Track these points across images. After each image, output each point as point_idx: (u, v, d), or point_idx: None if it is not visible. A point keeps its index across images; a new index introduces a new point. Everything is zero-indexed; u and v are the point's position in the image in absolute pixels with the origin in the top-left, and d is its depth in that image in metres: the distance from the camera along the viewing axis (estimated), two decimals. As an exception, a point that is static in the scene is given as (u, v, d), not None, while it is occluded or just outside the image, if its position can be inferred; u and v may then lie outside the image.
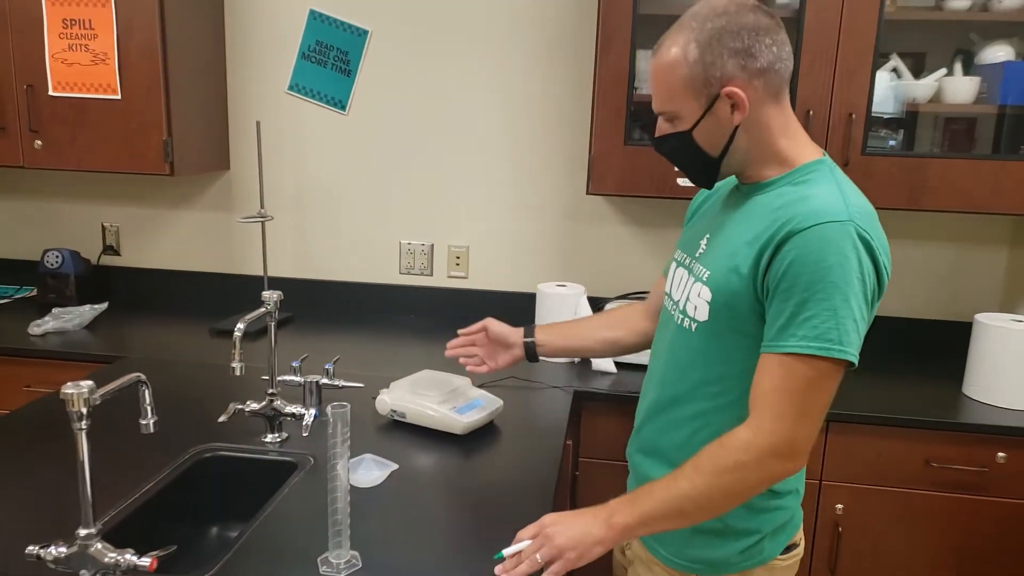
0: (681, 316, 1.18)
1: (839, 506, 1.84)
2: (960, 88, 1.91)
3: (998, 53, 1.90)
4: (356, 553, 1.11)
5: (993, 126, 2.03)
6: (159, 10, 2.06)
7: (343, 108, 2.41)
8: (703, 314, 1.12)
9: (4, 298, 2.46)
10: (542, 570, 1.06)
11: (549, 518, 1.10)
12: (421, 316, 2.47)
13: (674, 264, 1.26)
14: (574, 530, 1.07)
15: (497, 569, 1.07)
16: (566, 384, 1.91)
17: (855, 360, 1.01)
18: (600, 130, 1.98)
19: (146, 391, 1.08)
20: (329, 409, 1.05)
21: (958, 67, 1.93)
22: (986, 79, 1.91)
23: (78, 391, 0.93)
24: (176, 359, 1.96)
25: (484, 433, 1.59)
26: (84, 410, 0.94)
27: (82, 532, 0.96)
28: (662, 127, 1.14)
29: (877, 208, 1.08)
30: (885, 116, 1.97)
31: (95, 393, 0.95)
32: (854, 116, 1.87)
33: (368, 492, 1.31)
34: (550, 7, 2.23)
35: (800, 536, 1.24)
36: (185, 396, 1.72)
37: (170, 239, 2.57)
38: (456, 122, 2.35)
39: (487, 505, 1.30)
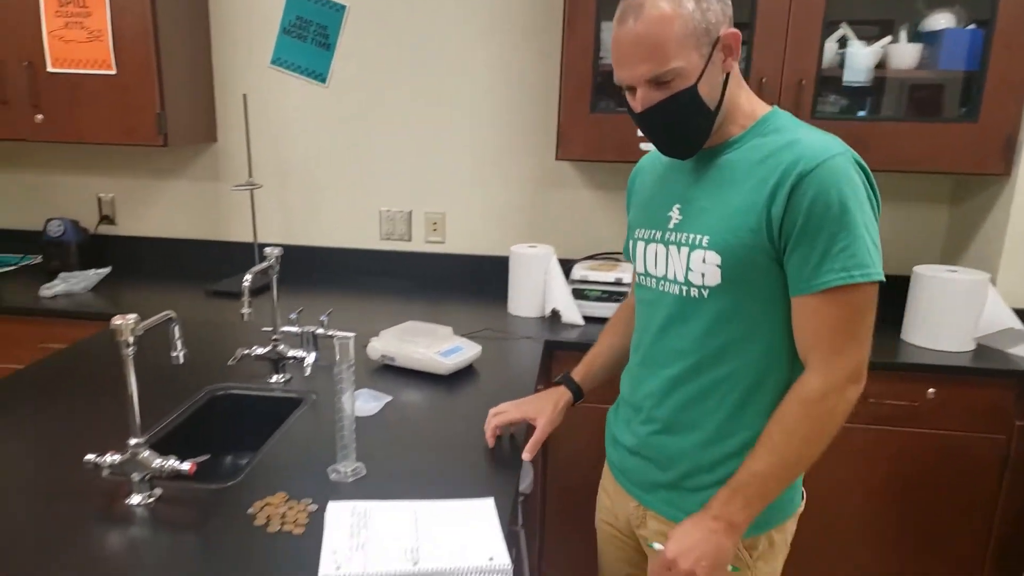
0: (681, 287, 1.17)
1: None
2: (905, 54, 2.07)
3: (940, 21, 2.06)
4: (361, 464, 1.30)
5: (934, 91, 2.22)
6: (150, -11, 2.20)
7: (323, 80, 2.55)
8: (713, 279, 1.12)
9: (9, 266, 2.59)
10: None
11: (672, 548, 1.11)
12: (400, 279, 2.64)
13: (640, 243, 1.24)
14: (707, 553, 1.09)
15: None
16: (537, 335, 2.11)
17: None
18: (567, 100, 2.17)
19: (176, 326, 1.25)
20: (335, 337, 1.23)
21: (903, 34, 2.09)
22: (928, 46, 2.07)
23: (125, 322, 1.10)
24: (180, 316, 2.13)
25: (465, 374, 1.79)
26: (130, 339, 1.11)
27: (132, 441, 1.14)
28: (650, 96, 1.09)
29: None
30: (834, 81, 2.14)
31: (139, 325, 1.12)
32: (803, 82, 2.06)
33: (367, 420, 1.50)
34: (520, -14, 2.39)
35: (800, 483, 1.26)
36: (192, 347, 1.89)
37: (162, 208, 2.70)
38: (432, 93, 2.51)
39: (471, 428, 1.49)
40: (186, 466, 1.15)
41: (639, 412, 1.27)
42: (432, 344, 1.78)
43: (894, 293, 2.36)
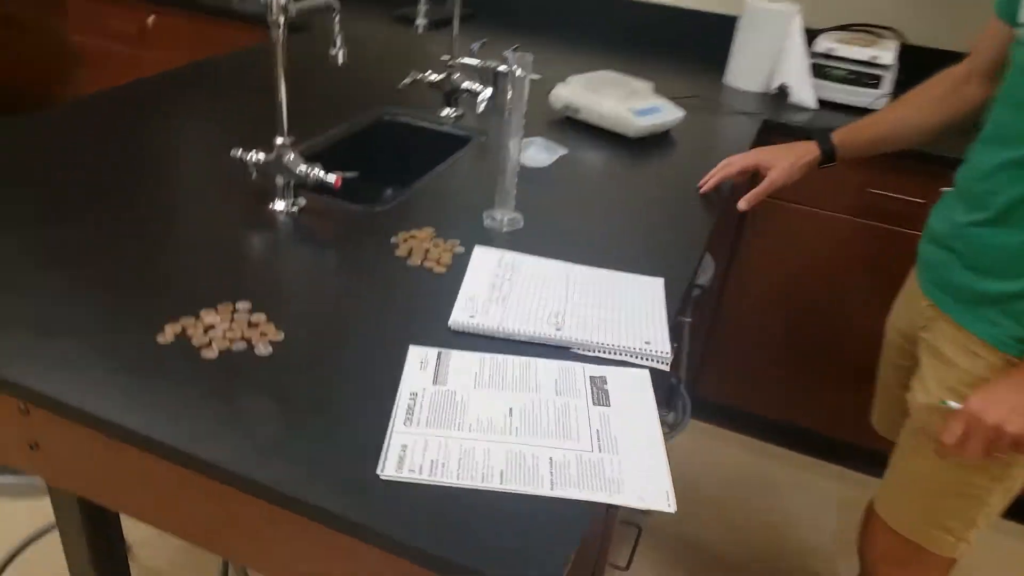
0: None
1: None
2: None
3: None
4: (520, 215, 1.13)
5: None
6: None
7: None
8: None
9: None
10: None
11: (977, 400, 0.91)
12: (604, 29, 2.29)
13: None
14: (1020, 406, 0.89)
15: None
16: (755, 111, 1.75)
17: None
18: None
19: (337, 17, 1.08)
20: (509, 53, 1.01)
21: None
22: None
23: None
24: (357, 35, 1.99)
25: (657, 141, 1.52)
26: (281, 18, 0.96)
27: (278, 140, 1.04)
28: None
29: None
30: None
31: (291, 3, 0.96)
32: None
33: (535, 171, 1.31)
34: None
35: None
36: (365, 69, 1.75)
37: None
38: None
39: (654, 200, 1.26)
40: (331, 178, 1.04)
41: (964, 196, 1.01)
42: (625, 99, 1.50)
43: None
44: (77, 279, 0.87)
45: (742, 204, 1.25)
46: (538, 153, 1.35)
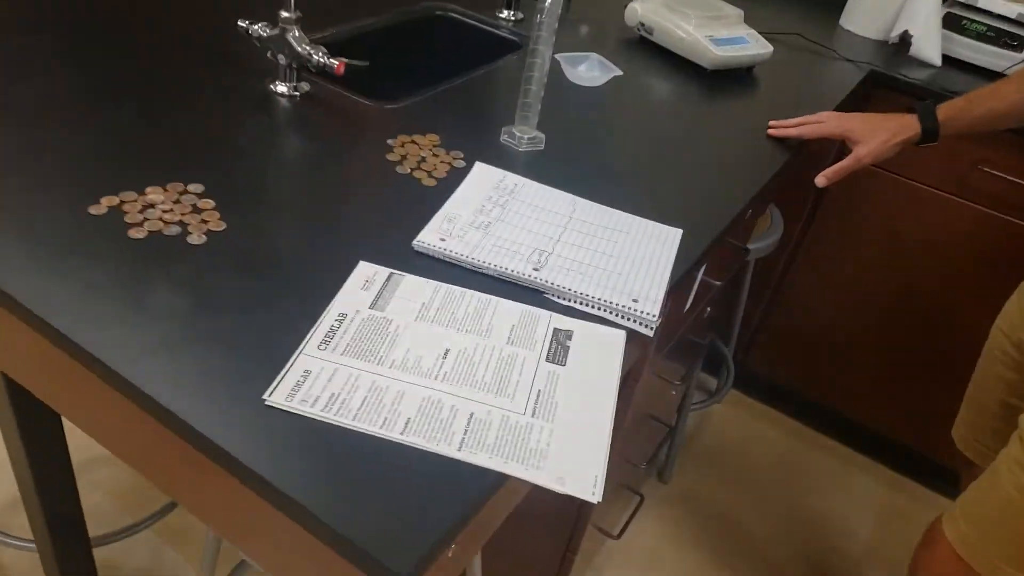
0: None
1: None
2: None
3: None
4: (542, 135, 1.00)
5: None
6: None
7: None
8: None
9: None
10: None
11: None
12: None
13: None
14: None
15: None
16: (864, 60, 1.51)
17: None
18: None
19: None
20: (548, -54, 0.86)
21: None
22: None
23: None
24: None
25: (736, 77, 1.33)
26: None
27: (283, 14, 0.94)
28: None
29: None
30: None
31: None
32: None
33: (582, 89, 1.17)
34: None
35: None
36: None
37: None
38: None
39: (712, 144, 1.10)
40: (335, 63, 0.93)
41: None
42: (707, 24, 1.31)
43: None
44: (32, 128, 0.81)
45: (820, 180, 1.11)
46: (589, 71, 1.20)
